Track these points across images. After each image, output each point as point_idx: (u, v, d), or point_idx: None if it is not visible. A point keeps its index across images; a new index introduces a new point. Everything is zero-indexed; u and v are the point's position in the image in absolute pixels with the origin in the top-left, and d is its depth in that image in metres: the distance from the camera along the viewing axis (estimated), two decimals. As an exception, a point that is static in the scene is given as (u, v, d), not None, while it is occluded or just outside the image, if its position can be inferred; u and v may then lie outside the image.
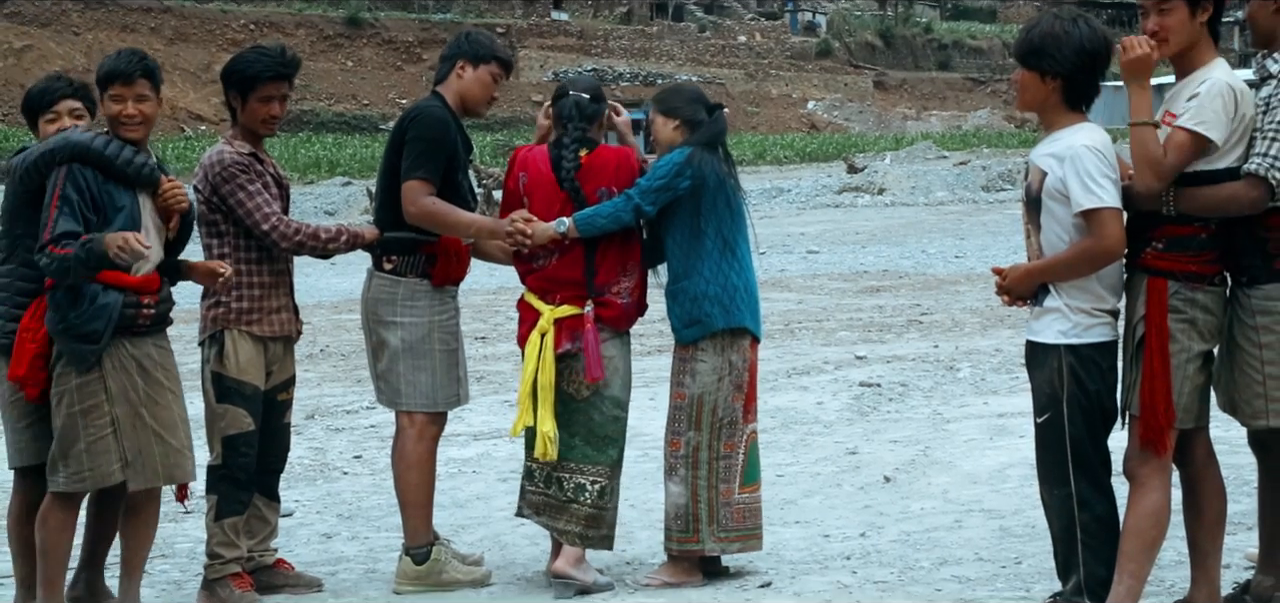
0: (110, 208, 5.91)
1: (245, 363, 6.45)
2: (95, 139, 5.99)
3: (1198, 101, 5.27)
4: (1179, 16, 5.36)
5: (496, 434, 10.35)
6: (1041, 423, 5.56)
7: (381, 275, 6.59)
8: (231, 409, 6.43)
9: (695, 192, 6.51)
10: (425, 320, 6.54)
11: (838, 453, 9.47)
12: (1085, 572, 5.53)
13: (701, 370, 6.56)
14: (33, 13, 77.57)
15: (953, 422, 10.27)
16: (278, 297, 6.58)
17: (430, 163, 6.46)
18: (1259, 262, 5.37)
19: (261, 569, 6.67)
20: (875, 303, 17.38)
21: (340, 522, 8.18)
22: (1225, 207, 5.30)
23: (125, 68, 6.06)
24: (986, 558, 6.95)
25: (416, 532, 6.60)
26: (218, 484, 6.44)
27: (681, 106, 6.74)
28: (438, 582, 6.56)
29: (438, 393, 6.59)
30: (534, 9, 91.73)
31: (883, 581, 6.66)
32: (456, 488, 8.90)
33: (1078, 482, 5.52)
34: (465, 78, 6.68)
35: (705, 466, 6.55)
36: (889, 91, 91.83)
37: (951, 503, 8.10)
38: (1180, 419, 5.41)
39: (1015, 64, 5.60)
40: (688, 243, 6.57)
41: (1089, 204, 5.32)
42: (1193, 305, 5.39)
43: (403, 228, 6.52)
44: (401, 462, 6.62)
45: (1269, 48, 5.46)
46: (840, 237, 27.58)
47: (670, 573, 6.62)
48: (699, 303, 6.55)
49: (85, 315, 5.87)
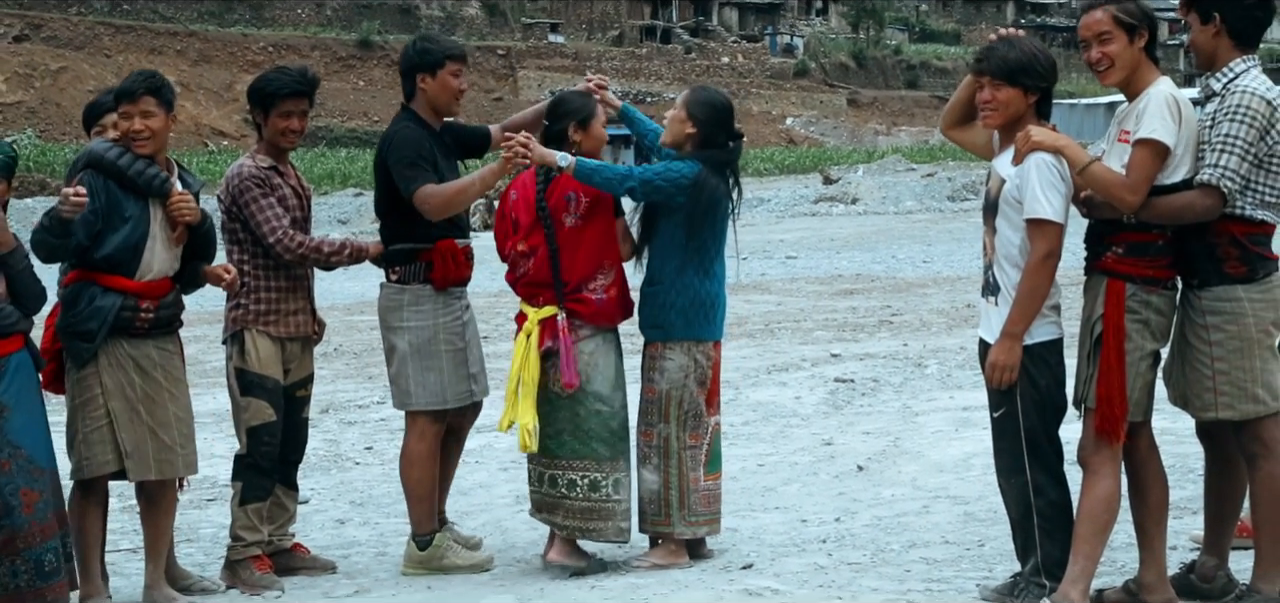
0: (118, 214, 6.00)
1: (265, 359, 6.47)
2: (110, 150, 6.09)
3: (1146, 113, 5.32)
4: (1119, 44, 5.40)
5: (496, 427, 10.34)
6: (998, 417, 5.58)
7: (388, 285, 6.58)
8: (254, 402, 6.46)
9: (688, 211, 6.45)
10: (430, 324, 6.51)
11: (814, 444, 9.48)
12: (1042, 554, 5.56)
13: (669, 368, 6.54)
14: (67, 36, 77.62)
15: (921, 415, 10.28)
16: (294, 300, 6.58)
17: (420, 171, 6.40)
18: (1210, 266, 5.40)
19: (280, 553, 6.69)
20: (849, 304, 17.38)
21: (352, 508, 8.21)
22: (1182, 214, 5.32)
23: (131, 87, 6.17)
24: (952, 541, 6.96)
25: (420, 521, 6.61)
26: (243, 472, 6.47)
27: (703, 120, 6.55)
28: (439, 567, 6.57)
29: (447, 391, 6.57)
30: (532, 32, 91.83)
31: (856, 562, 6.67)
32: (461, 477, 8.83)
33: (1033, 470, 5.54)
34: (429, 88, 6.58)
35: (675, 455, 6.54)
36: (862, 109, 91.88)
37: (920, 490, 8.11)
38: (1130, 412, 5.44)
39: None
40: (667, 251, 6.53)
41: (1036, 214, 5.37)
42: (1147, 307, 5.42)
43: (403, 241, 6.50)
44: (404, 459, 6.65)
45: (1211, 69, 5.49)
46: (817, 243, 27.57)
47: (659, 556, 6.61)
48: (665, 311, 6.53)
49: (82, 315, 6.01)
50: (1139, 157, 5.30)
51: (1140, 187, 5.28)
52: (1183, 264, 5.46)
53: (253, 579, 6.43)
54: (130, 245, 6.04)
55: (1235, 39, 5.45)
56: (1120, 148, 5.40)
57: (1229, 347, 5.40)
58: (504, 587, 6.50)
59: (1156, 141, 5.28)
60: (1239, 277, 5.39)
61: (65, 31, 78.09)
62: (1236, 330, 5.39)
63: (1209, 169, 5.27)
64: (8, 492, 5.74)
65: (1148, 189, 5.30)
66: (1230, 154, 5.26)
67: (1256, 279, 5.41)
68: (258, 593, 6.38)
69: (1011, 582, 5.74)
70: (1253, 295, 5.40)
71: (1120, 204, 5.33)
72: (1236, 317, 5.39)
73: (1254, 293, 5.40)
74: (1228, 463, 5.72)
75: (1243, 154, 5.27)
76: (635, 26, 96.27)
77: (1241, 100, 5.31)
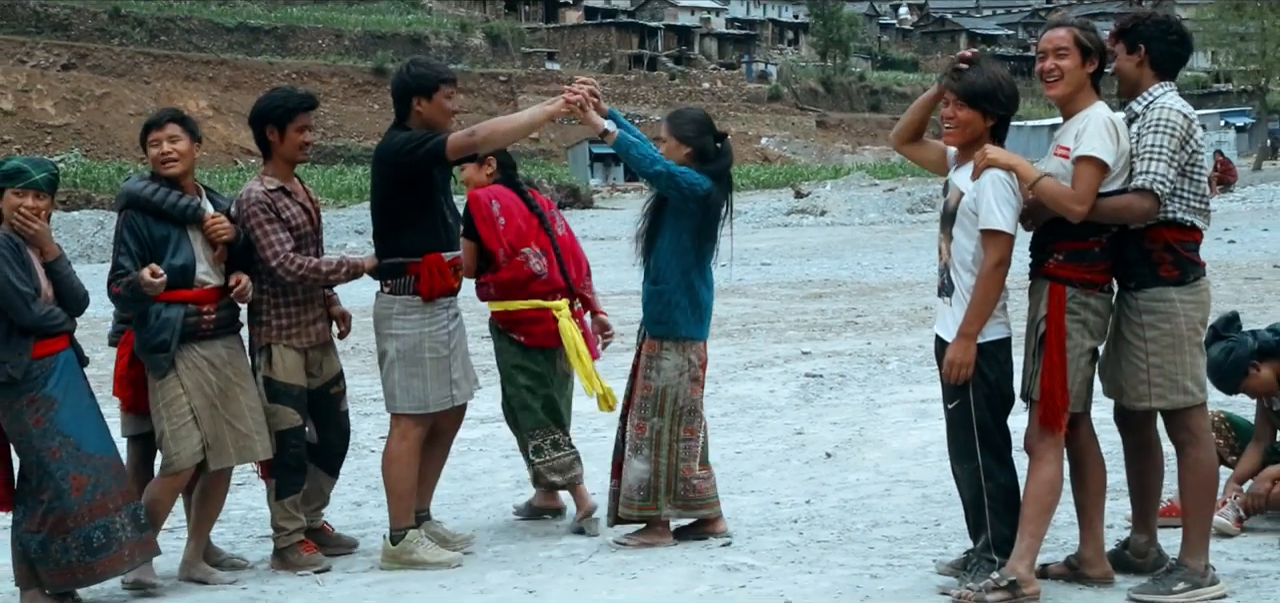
0: (161, 243, 6.09)
1: (290, 369, 6.43)
2: (145, 188, 6.18)
3: (1087, 133, 5.36)
4: (1072, 61, 5.46)
5: (500, 419, 10.29)
6: (952, 408, 5.60)
7: (381, 296, 6.43)
8: (282, 408, 6.41)
9: (698, 221, 6.43)
10: (416, 332, 6.35)
11: (787, 433, 9.49)
12: (993, 532, 5.57)
13: (666, 367, 6.52)
14: (110, 65, 77.67)
15: (883, 407, 10.29)
16: (311, 311, 6.51)
17: (429, 138, 6.22)
18: (1146, 270, 5.45)
19: (310, 531, 6.65)
20: (818, 307, 17.39)
21: (368, 492, 8.19)
22: (1122, 214, 5.38)
23: (156, 117, 6.33)
24: (911, 521, 6.97)
25: (396, 516, 6.44)
26: (276, 470, 6.45)
27: (693, 137, 6.53)
28: (408, 561, 6.37)
29: (428, 396, 6.41)
30: (531, 61, 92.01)
31: (824, 540, 6.68)
32: (466, 463, 8.89)
33: (984, 457, 5.56)
34: (424, 110, 6.33)
35: (665, 447, 6.51)
36: (829, 130, 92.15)
37: (882, 475, 8.12)
38: (1071, 404, 5.47)
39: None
40: (673, 255, 6.47)
41: (990, 225, 5.40)
42: (1086, 308, 5.46)
43: (394, 255, 6.34)
44: (386, 457, 6.50)
45: (1133, 95, 5.56)
46: (789, 251, 27.59)
47: (647, 536, 6.61)
48: (671, 310, 6.49)
49: (154, 330, 6.09)
50: (1082, 172, 5.35)
51: (1086, 198, 5.34)
52: (1120, 269, 5.51)
53: (300, 561, 6.43)
54: (179, 267, 6.11)
55: (1156, 68, 5.54)
56: (1057, 161, 5.45)
57: (1162, 343, 5.44)
58: (505, 563, 6.50)
59: (1097, 159, 5.33)
60: (1172, 279, 5.45)
61: (108, 60, 78.04)
62: (1170, 328, 5.44)
63: (1141, 175, 5.34)
64: (58, 476, 5.79)
65: (1093, 199, 5.35)
66: (1158, 161, 5.34)
67: (1187, 282, 5.47)
68: (306, 572, 6.36)
69: (964, 557, 5.76)
70: (1184, 296, 5.46)
71: (1069, 215, 5.37)
72: (1170, 316, 5.44)
73: (1185, 294, 5.46)
74: (1144, 448, 5.78)
75: (1168, 160, 5.34)
76: (624, 55, 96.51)
77: (1161, 115, 5.40)
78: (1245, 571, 5.85)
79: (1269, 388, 6.51)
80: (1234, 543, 6.26)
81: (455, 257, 6.47)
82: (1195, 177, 5.46)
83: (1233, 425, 6.88)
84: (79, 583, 5.95)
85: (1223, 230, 26.92)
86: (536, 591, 6.01)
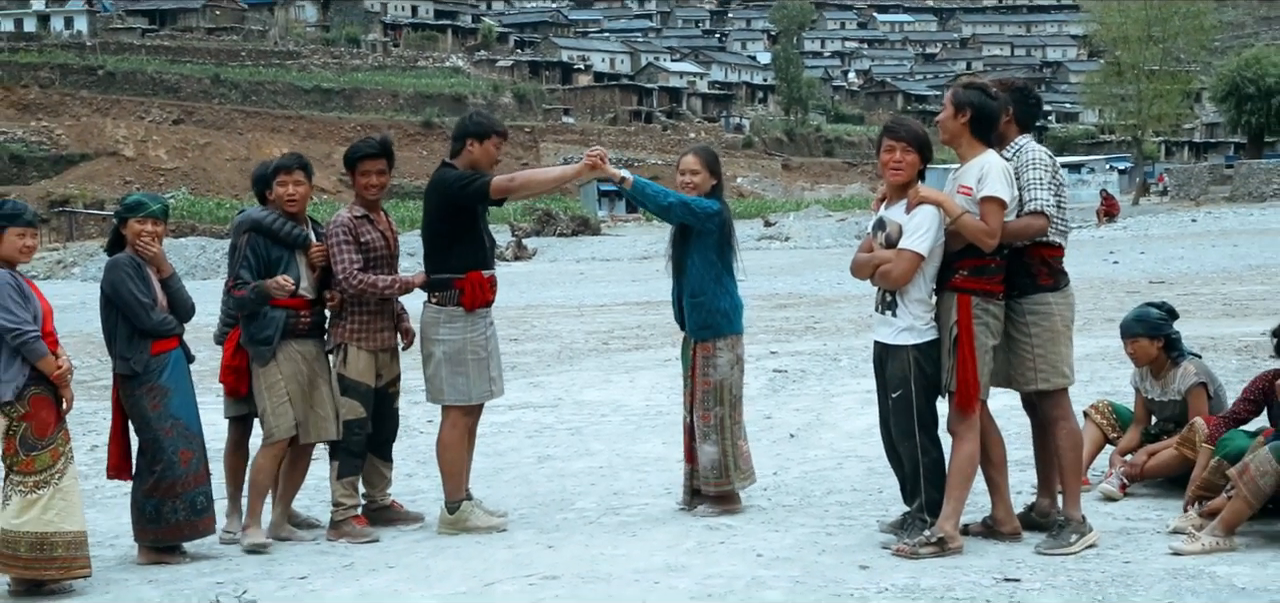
0: (275, 262, 6.16)
1: (362, 369, 6.34)
2: (265, 216, 6.25)
3: (989, 178, 5.41)
4: (947, 115, 5.59)
5: (525, 406, 10.32)
6: (896, 397, 5.60)
7: (429, 306, 6.26)
8: (349, 401, 6.32)
9: (721, 236, 6.28)
10: (461, 337, 6.21)
11: (758, 417, 9.44)
12: (925, 497, 5.59)
13: (721, 363, 6.30)
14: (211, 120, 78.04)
15: (836, 396, 10.26)
16: (381, 320, 6.40)
17: (477, 178, 6.14)
18: (1027, 280, 5.55)
19: (380, 509, 6.53)
20: (783, 315, 17.36)
21: (418, 465, 8.14)
22: (1023, 233, 5.47)
23: (286, 162, 6.34)
24: (859, 489, 6.96)
25: (452, 491, 6.30)
26: (338, 453, 6.36)
27: (714, 169, 6.39)
28: (465, 527, 6.24)
29: (472, 390, 6.28)
30: (550, 116, 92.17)
31: (788, 504, 6.67)
32: (498, 440, 8.87)
33: (921, 436, 5.57)
34: (475, 151, 6.21)
35: (728, 431, 6.33)
36: (792, 171, 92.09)
37: (835, 452, 8.10)
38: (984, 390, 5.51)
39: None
40: (705, 268, 6.26)
41: (903, 245, 5.47)
42: (987, 313, 5.48)
43: (441, 271, 6.20)
44: (440, 443, 6.35)
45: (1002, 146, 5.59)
46: (759, 270, 27.54)
47: (725, 504, 6.36)
48: (714, 314, 6.26)
49: (261, 327, 6.14)
50: (988, 210, 5.39)
51: (996, 232, 5.40)
52: (1010, 280, 5.56)
53: (353, 532, 6.28)
54: None
55: (1020, 123, 5.67)
56: (962, 198, 5.47)
57: (1044, 337, 5.54)
58: (529, 524, 6.47)
59: (1000, 199, 5.39)
60: (1048, 286, 5.55)
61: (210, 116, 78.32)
62: (1048, 325, 5.54)
63: (1032, 202, 5.45)
64: (170, 451, 5.85)
65: (1000, 232, 5.39)
66: (1041, 188, 5.46)
67: (1060, 288, 5.58)
68: (358, 542, 6.22)
69: (902, 517, 5.76)
70: (1058, 299, 5.57)
71: (982, 245, 5.40)
72: (1048, 315, 5.54)
73: (1058, 298, 5.58)
74: (1047, 428, 5.79)
75: (1048, 187, 5.47)
76: (625, 111, 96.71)
77: (1032, 156, 5.53)
78: (1128, 528, 5.85)
79: (1148, 357, 6.59)
80: (1119, 506, 6.26)
81: (492, 274, 6.33)
82: (1061, 205, 5.58)
83: (1115, 411, 6.91)
84: (185, 538, 5.98)
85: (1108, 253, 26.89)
86: (555, 545, 5.99)
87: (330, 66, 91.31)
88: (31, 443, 5.46)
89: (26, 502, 5.43)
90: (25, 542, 5.41)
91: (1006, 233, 5.42)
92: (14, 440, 5.47)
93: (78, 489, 5.64)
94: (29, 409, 5.47)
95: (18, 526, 5.41)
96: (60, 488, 5.48)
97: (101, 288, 5.94)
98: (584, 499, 7.02)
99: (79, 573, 5.53)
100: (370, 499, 6.53)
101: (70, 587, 5.54)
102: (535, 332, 16.36)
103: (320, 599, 5.29)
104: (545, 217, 48.57)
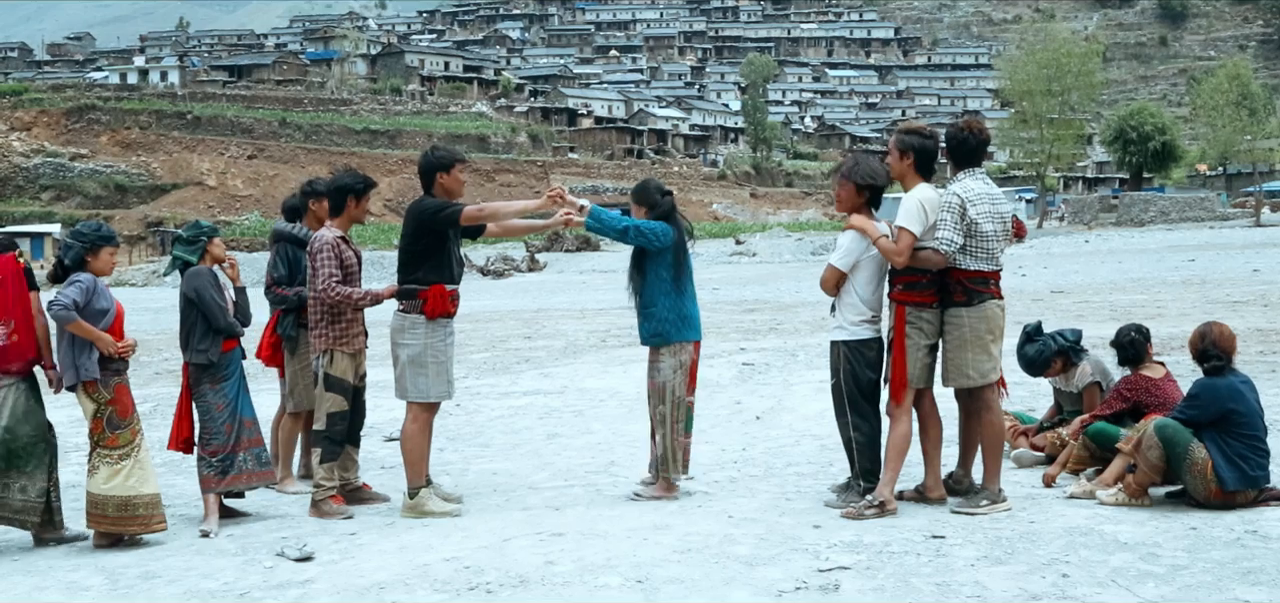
0: (304, 270, 6.31)
1: (344, 369, 6.09)
2: (295, 228, 6.54)
3: (903, 210, 5.46)
4: (893, 157, 5.59)
5: (536, 392, 10.28)
6: (832, 384, 5.66)
7: (397, 314, 5.90)
8: (334, 395, 6.05)
9: (674, 255, 6.00)
10: (422, 343, 5.83)
11: (729, 403, 9.43)
12: (860, 468, 5.61)
13: (664, 367, 6.00)
14: (279, 156, 77.95)
15: (794, 386, 10.23)
16: (357, 327, 6.16)
17: (451, 207, 5.82)
18: (946, 297, 5.54)
19: (353, 490, 6.25)
20: (751, 318, 17.34)
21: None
22: (926, 262, 5.46)
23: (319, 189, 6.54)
24: (813, 463, 6.94)
25: (412, 478, 5.91)
26: (320, 441, 6.07)
27: (647, 196, 6.06)
28: (423, 512, 5.83)
29: (431, 390, 5.88)
30: (558, 152, 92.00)
31: (754, 475, 6.64)
32: (514, 420, 8.82)
33: (852, 416, 5.59)
34: (445, 182, 5.89)
35: (669, 427, 6.04)
36: (759, 199, 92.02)
37: (794, 432, 8.07)
38: (913, 383, 5.52)
39: (833, 183, 5.70)
40: (657, 283, 5.97)
41: (828, 259, 5.60)
42: (921, 319, 5.52)
43: (410, 284, 5.84)
44: (403, 435, 5.94)
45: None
46: (731, 281, 27.55)
47: (660, 490, 6.13)
48: (660, 323, 5.97)
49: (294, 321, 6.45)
50: (900, 236, 5.44)
51: (903, 253, 5.42)
52: (940, 294, 5.56)
53: (331, 510, 5.97)
54: None
55: (955, 162, 5.61)
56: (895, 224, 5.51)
57: (954, 344, 5.54)
58: (538, 492, 6.43)
59: (907, 229, 5.42)
60: (961, 303, 5.51)
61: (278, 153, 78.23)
62: (958, 336, 5.52)
63: (936, 239, 5.42)
64: (221, 422, 5.95)
65: (908, 253, 5.41)
66: (945, 229, 5.41)
67: (972, 305, 5.49)
68: (335, 518, 5.93)
69: (846, 483, 5.76)
70: (970, 314, 5.50)
71: (893, 263, 5.47)
72: (958, 327, 5.52)
73: (970, 313, 5.50)
74: (969, 415, 5.79)
75: (952, 227, 5.40)
76: (620, 148, 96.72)
77: (948, 199, 5.46)
78: (1033, 495, 5.85)
79: (1057, 374, 6.61)
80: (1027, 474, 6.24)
81: (454, 289, 5.93)
82: (978, 237, 5.45)
83: (1018, 418, 6.97)
84: (250, 486, 6.01)
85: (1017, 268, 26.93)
86: (561, 508, 5.96)
87: (377, 112, 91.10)
88: (116, 423, 5.60)
89: (112, 470, 5.55)
90: (112, 504, 5.53)
91: (918, 260, 5.44)
92: (101, 421, 5.60)
93: (150, 460, 5.73)
94: (113, 395, 5.60)
95: (106, 491, 5.53)
96: (138, 460, 5.61)
97: (183, 292, 5.94)
98: (586, 469, 6.99)
99: (157, 527, 5.61)
100: (345, 482, 6.22)
101: (145, 540, 5.61)
102: (545, 331, 16.31)
103: (367, 551, 5.26)
104: (554, 235, 48.23)
